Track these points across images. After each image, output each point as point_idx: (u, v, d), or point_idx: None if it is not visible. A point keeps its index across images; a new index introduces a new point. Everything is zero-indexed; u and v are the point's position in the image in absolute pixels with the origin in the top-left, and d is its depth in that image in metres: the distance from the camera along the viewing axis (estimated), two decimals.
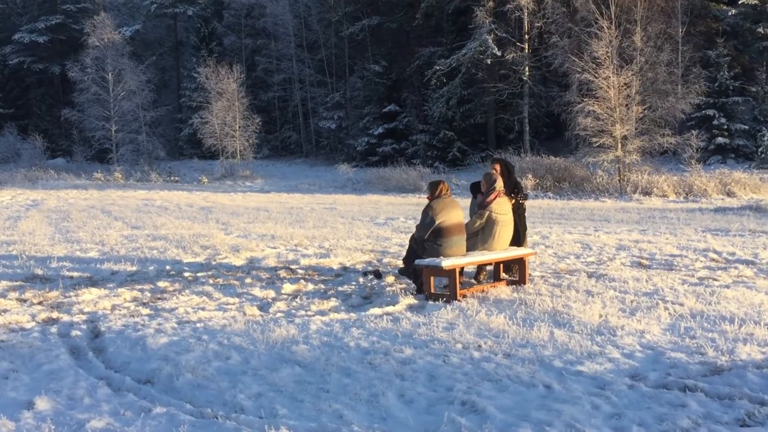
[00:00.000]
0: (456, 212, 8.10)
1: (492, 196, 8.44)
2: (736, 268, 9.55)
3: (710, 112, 32.94)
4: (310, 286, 8.93)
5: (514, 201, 8.87)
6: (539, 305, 7.25)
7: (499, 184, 8.54)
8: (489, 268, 9.13)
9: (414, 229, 8.64)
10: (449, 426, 4.29)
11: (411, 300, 7.83)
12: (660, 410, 4.38)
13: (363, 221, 17.21)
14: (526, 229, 9.32)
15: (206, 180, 39.60)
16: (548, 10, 34.99)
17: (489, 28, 36.70)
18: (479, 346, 5.93)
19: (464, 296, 7.86)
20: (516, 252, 8.52)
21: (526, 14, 36.42)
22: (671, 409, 4.40)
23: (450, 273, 7.70)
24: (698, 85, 30.89)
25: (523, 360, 5.50)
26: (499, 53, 36.21)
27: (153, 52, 53.90)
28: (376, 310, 7.41)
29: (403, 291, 8.35)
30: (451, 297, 7.70)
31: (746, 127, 34.07)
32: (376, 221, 17.17)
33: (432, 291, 7.93)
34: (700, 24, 35.68)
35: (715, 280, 8.71)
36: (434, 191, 8.23)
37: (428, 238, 8.07)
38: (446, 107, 38.51)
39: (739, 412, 4.32)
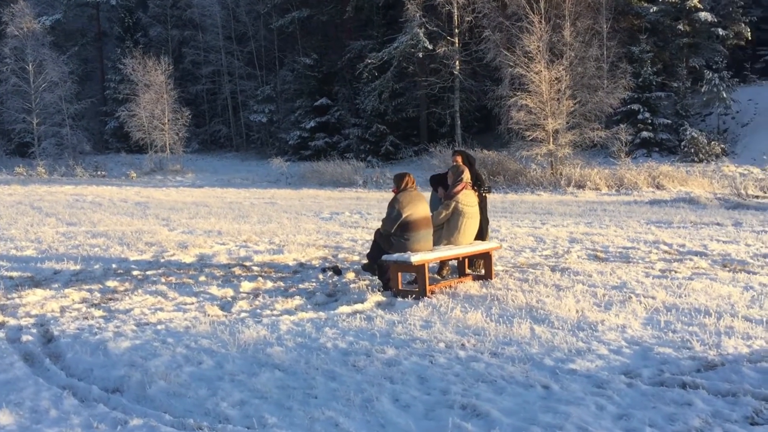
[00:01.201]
0: (423, 205, 7.93)
1: (459, 187, 8.29)
2: (690, 259, 9.68)
3: (635, 106, 33.71)
4: (269, 284, 8.65)
5: (477, 194, 8.75)
6: (512, 301, 7.15)
7: (466, 175, 8.41)
8: (452, 262, 9.01)
9: (364, 224, 8.43)
10: (455, 430, 4.11)
11: (379, 297, 7.63)
12: (667, 409, 4.30)
13: (308, 216, 16.89)
14: (488, 222, 9.22)
15: (135, 175, 38.41)
16: (478, 4, 35.16)
17: (420, 21, 36.66)
18: (463, 344, 5.77)
19: (433, 292, 7.70)
20: (483, 246, 8.40)
21: (456, 8, 36.50)
22: (678, 408, 4.31)
23: (419, 268, 7.52)
24: (625, 80, 31.55)
25: (512, 359, 5.37)
26: (430, 47, 36.23)
27: (75, 42, 51.89)
28: (346, 309, 7.19)
29: (368, 288, 8.13)
30: (420, 293, 7.53)
31: (669, 121, 35.03)
32: (322, 216, 16.87)
33: (400, 287, 7.75)
34: (623, 20, 36.46)
35: (676, 272, 8.78)
36: (400, 184, 8.03)
37: (395, 232, 7.87)
38: (378, 101, 38.33)
39: (746, 410, 4.26)
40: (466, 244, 8.32)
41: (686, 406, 4.34)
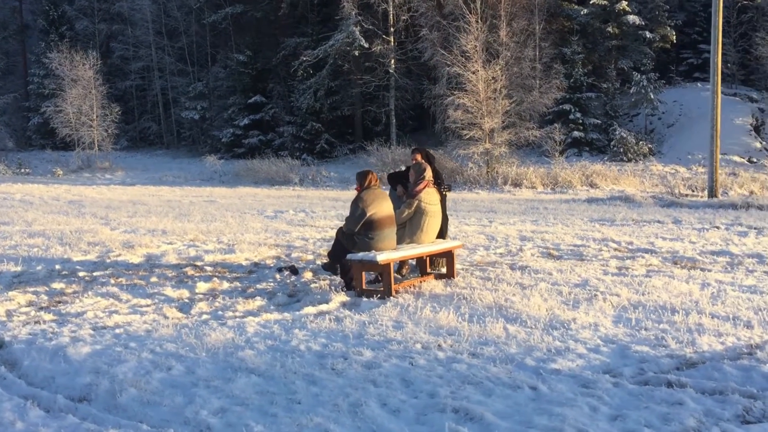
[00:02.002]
0: (387, 204, 7.82)
1: (421, 186, 8.21)
2: (642, 257, 9.83)
3: (566, 106, 34.33)
4: (226, 284, 8.41)
5: (438, 192, 8.68)
6: (480, 300, 7.10)
7: (429, 173, 8.33)
8: (411, 261, 8.93)
9: (311, 222, 8.28)
10: None
11: (343, 297, 7.48)
12: (659, 409, 4.28)
13: (252, 214, 16.57)
14: (447, 220, 9.17)
15: (61, 172, 37.11)
16: (414, 3, 35.26)
17: (355, 19, 36.55)
18: (439, 345, 5.69)
19: (397, 292, 7.61)
20: (446, 245, 8.34)
21: (391, 6, 36.53)
22: (670, 408, 4.31)
23: (384, 268, 7.41)
24: (558, 80, 32.11)
25: (492, 359, 5.31)
26: (366, 45, 36.16)
27: None
28: (311, 309, 7.03)
29: (330, 287, 7.98)
30: (385, 293, 7.42)
31: (599, 121, 35.84)
32: (266, 214, 16.57)
33: (363, 287, 7.63)
34: (555, 22, 37.13)
35: (632, 269, 8.91)
36: (363, 182, 7.88)
37: (359, 231, 7.74)
38: (314, 99, 38.04)
39: (737, 408, 4.28)
40: (429, 243, 8.25)
41: (678, 406, 4.34)
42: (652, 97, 35.63)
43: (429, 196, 8.23)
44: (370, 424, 4.24)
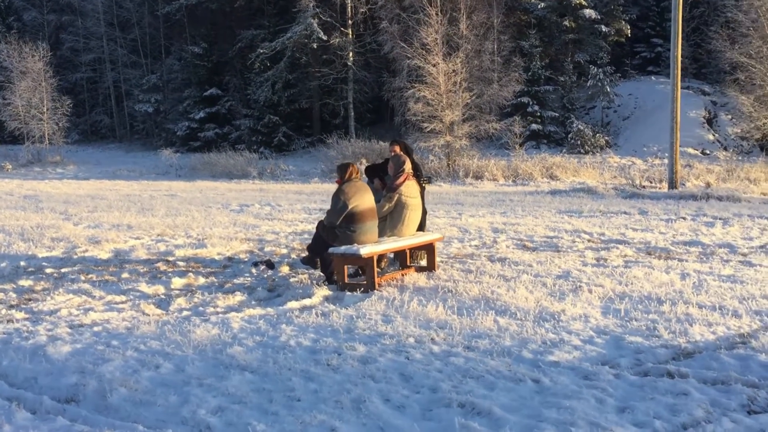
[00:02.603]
0: (368, 196, 7.69)
1: (401, 179, 8.10)
2: (616, 248, 9.87)
3: (525, 99, 34.56)
4: (202, 280, 8.21)
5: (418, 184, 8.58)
6: (466, 293, 7.03)
7: (408, 166, 8.22)
8: (390, 254, 8.82)
9: (279, 216, 8.10)
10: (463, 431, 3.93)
11: (325, 291, 7.35)
12: (665, 400, 4.24)
13: (217, 208, 16.27)
14: (426, 213, 9.07)
15: (10, 167, 36.13)
16: None
17: (313, 11, 36.27)
18: (433, 339, 5.59)
19: (380, 285, 7.50)
20: (427, 237, 8.25)
21: None
22: (675, 398, 4.27)
23: (368, 261, 7.29)
24: (517, 73, 32.28)
25: (489, 352, 5.23)
26: (324, 38, 35.90)
27: None
28: (294, 304, 6.88)
29: (311, 282, 7.84)
30: (369, 287, 7.30)
31: (556, 114, 36.16)
32: (231, 208, 16.29)
33: (346, 281, 7.50)
34: (513, 15, 37.34)
35: (609, 260, 8.93)
36: (344, 174, 7.73)
37: (340, 224, 7.60)
38: (271, 92, 37.66)
39: (741, 398, 4.26)
40: (410, 236, 8.16)
41: (683, 396, 4.31)
42: (608, 90, 36.07)
43: (409, 189, 8.12)
44: (376, 421, 4.13)
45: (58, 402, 4.63)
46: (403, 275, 8.00)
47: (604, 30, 37.91)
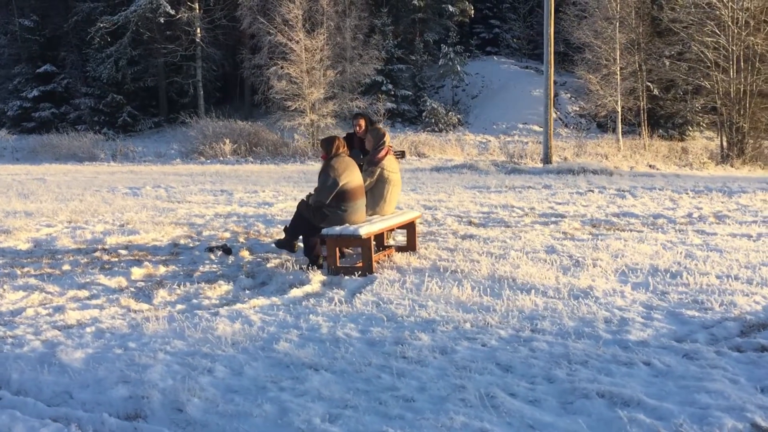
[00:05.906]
0: (357, 173, 7.11)
1: (383, 153, 7.59)
2: (562, 221, 9.88)
3: (379, 78, 34.59)
4: (162, 269, 7.32)
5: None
6: (474, 272, 6.65)
7: (388, 139, 7.72)
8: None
9: (184, 198, 7.40)
10: (635, 427, 3.57)
11: (320, 276, 6.74)
12: None
13: (106, 192, 14.83)
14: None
15: None
16: None
17: None
18: (488, 323, 5.20)
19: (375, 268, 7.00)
20: (410, 215, 7.82)
21: None
22: None
23: (366, 242, 6.76)
24: (377, 50, 32.20)
25: (563, 334, 4.90)
26: (172, 12, 34.07)
27: None
28: (297, 292, 6.23)
29: (293, 266, 7.15)
30: (367, 269, 6.77)
31: (409, 93, 36.54)
32: (122, 192, 14.93)
33: (338, 264, 6.93)
34: None
35: (573, 234, 8.89)
36: (330, 149, 7.08)
37: (329, 203, 7.00)
38: (115, 69, 35.25)
39: None
40: (392, 214, 7.70)
41: None
42: (458, 69, 36.84)
43: (390, 164, 7.64)
44: (521, 419, 3.68)
45: (119, 419, 3.83)
46: (387, 256, 7.54)
47: (450, 10, 38.61)
